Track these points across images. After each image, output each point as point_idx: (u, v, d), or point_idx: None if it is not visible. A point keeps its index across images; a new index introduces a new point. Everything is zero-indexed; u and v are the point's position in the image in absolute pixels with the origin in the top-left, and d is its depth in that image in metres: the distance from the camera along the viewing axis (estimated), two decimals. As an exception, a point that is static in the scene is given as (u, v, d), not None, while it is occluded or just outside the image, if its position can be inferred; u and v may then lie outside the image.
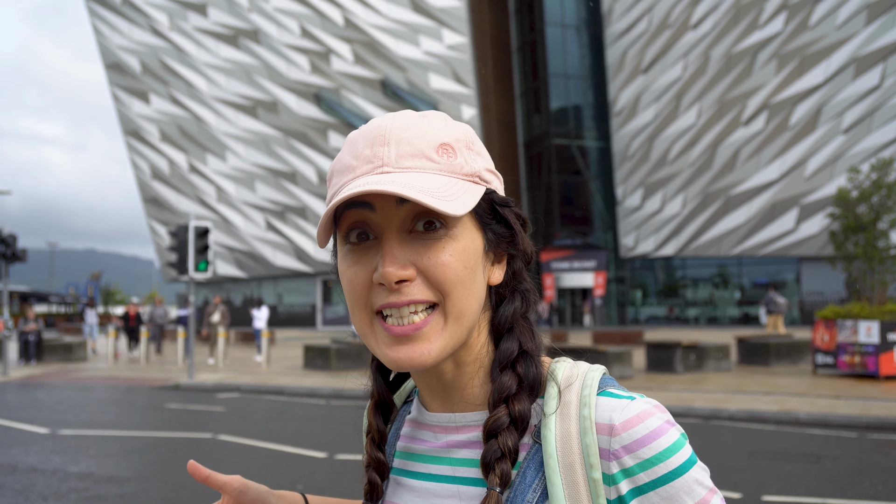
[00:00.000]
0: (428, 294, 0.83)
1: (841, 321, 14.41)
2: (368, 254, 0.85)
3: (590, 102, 42.92)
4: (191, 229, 16.09)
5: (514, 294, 0.93)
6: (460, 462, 0.91)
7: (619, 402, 0.84)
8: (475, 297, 0.86)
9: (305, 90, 41.69)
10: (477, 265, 0.87)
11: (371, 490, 0.96)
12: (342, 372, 16.99)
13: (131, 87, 48.00)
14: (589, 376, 0.87)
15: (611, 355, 14.66)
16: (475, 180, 0.88)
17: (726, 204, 35.37)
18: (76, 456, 8.43)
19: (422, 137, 0.86)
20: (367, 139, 0.87)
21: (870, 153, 30.11)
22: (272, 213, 43.94)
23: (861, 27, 31.35)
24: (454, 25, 38.38)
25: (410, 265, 0.83)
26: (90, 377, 17.65)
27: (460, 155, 0.87)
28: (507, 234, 0.92)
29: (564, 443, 0.83)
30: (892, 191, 16.10)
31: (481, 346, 0.92)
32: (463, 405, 0.92)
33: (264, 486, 1.12)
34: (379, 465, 0.95)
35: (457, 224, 0.85)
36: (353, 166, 0.86)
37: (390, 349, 0.84)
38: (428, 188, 0.80)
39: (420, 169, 0.84)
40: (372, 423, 0.98)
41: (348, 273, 0.87)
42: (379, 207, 0.84)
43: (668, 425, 0.82)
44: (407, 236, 0.84)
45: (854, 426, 9.91)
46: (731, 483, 6.86)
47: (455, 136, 0.88)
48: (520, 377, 0.88)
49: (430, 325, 0.83)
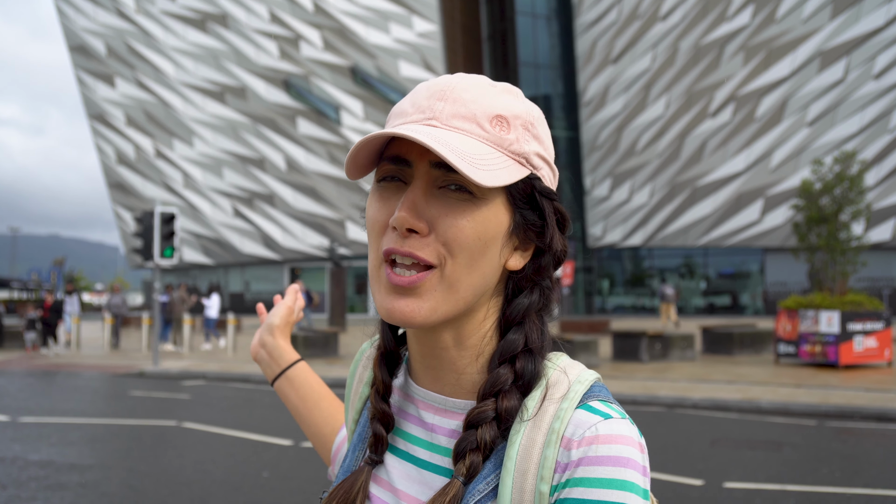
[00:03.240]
0: (430, 254, 0.81)
1: (803, 311, 14.64)
2: (395, 196, 0.85)
3: (559, 92, 43.07)
4: (156, 215, 15.91)
5: (533, 288, 0.91)
6: (439, 450, 0.90)
7: (593, 417, 0.81)
8: (479, 272, 0.84)
9: (274, 76, 41.31)
10: (494, 241, 0.84)
11: (376, 442, 0.94)
12: (309, 360, 16.92)
13: (96, 70, 47.22)
14: (574, 388, 0.84)
15: (577, 344, 14.76)
16: (521, 161, 0.85)
17: (693, 195, 35.70)
18: (37, 444, 8.32)
19: (480, 103, 0.84)
20: (429, 90, 0.86)
21: (833, 146, 30.54)
22: (239, 200, 43.55)
23: (826, 21, 31.74)
24: (424, 13, 38.23)
25: (425, 220, 0.82)
26: (53, 364, 17.42)
27: (514, 131, 0.85)
28: (537, 223, 0.88)
29: (526, 450, 0.81)
30: (854, 183, 16.34)
31: (487, 332, 0.90)
32: (455, 389, 0.91)
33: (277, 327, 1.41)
34: (384, 416, 0.94)
35: (487, 195, 0.83)
36: (407, 112, 0.86)
37: (387, 298, 0.83)
38: (465, 152, 0.79)
39: (467, 132, 0.83)
40: (377, 375, 0.96)
41: (371, 209, 0.87)
42: (416, 164, 0.83)
43: (636, 464, 0.78)
44: (435, 191, 0.83)
45: (814, 414, 10.08)
46: (693, 470, 6.94)
47: (514, 113, 0.86)
48: (516, 373, 0.86)
49: (425, 283, 0.82)
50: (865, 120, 31.17)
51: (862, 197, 16.47)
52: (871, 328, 14.15)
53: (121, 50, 45.93)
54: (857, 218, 16.48)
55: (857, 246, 16.64)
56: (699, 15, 34.76)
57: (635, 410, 10.54)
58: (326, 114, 39.99)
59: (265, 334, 1.40)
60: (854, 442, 8.44)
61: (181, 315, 20.35)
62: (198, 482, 6.71)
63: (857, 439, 8.58)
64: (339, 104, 39.65)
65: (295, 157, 41.08)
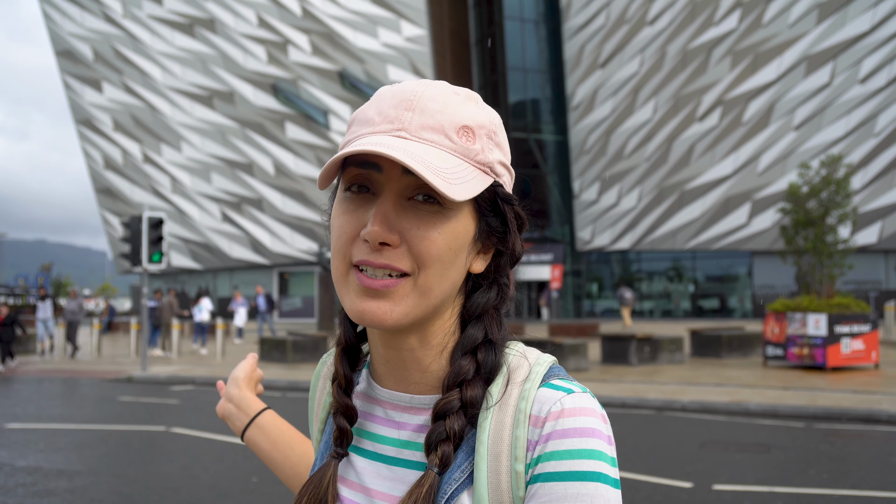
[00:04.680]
0: (405, 264, 0.83)
1: (791, 314, 14.71)
2: (363, 207, 0.86)
3: (547, 96, 43.13)
4: (145, 220, 15.85)
5: (491, 285, 0.94)
6: (410, 445, 0.91)
7: (556, 393, 0.85)
8: (449, 279, 0.87)
9: (262, 81, 41.22)
10: (462, 250, 0.87)
11: (340, 436, 0.96)
12: (298, 364, 16.90)
13: (83, 75, 47.00)
14: (534, 370, 0.88)
15: (567, 348, 14.78)
16: (486, 170, 0.87)
17: (681, 198, 35.81)
18: (24, 450, 8.27)
19: (447, 114, 0.86)
20: (394, 99, 0.87)
21: (820, 149, 30.70)
22: (228, 205, 43.41)
23: (812, 26, 31.93)
24: (413, 18, 38.24)
25: (397, 232, 0.83)
26: (40, 370, 17.32)
27: (479, 141, 0.87)
28: (500, 229, 0.92)
29: (496, 433, 0.84)
30: (840, 186, 16.44)
31: (448, 329, 0.92)
32: (420, 386, 0.93)
33: (244, 378, 1.43)
34: (347, 409, 0.96)
35: (455, 206, 0.85)
36: (373, 121, 0.86)
37: (359, 300, 0.84)
38: (437, 166, 0.80)
39: (436, 144, 0.84)
40: (339, 370, 0.98)
41: (339, 220, 0.87)
42: (386, 170, 0.84)
43: (601, 434, 0.82)
44: (405, 202, 0.85)
45: (802, 416, 10.13)
46: (682, 473, 6.97)
47: (479, 122, 0.88)
48: (478, 363, 0.89)
49: (398, 289, 0.84)
50: (851, 124, 31.36)
51: (848, 200, 16.57)
52: (858, 331, 14.23)
53: (108, 55, 45.74)
54: (843, 221, 16.56)
55: (843, 249, 16.72)
56: (686, 19, 34.91)
57: (625, 414, 10.57)
58: (315, 118, 39.93)
59: (231, 388, 1.41)
60: (842, 444, 8.49)
61: (170, 320, 20.29)
62: (186, 487, 6.68)
63: (845, 441, 8.63)
64: (327, 108, 39.60)
65: (283, 162, 41.00)
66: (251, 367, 1.45)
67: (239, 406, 1.38)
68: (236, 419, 1.38)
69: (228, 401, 1.40)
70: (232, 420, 1.39)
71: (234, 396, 1.39)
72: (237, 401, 1.39)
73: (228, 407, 1.39)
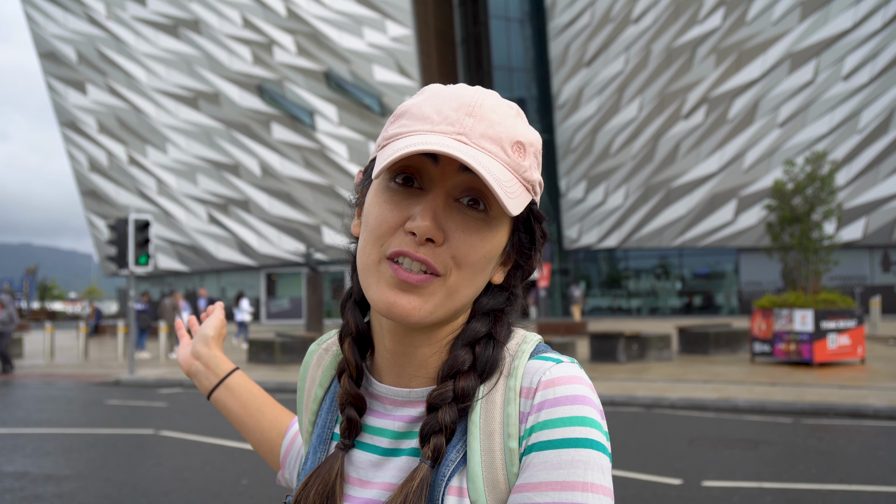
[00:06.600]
0: (441, 265, 0.84)
1: (777, 310, 14.78)
2: (408, 200, 0.86)
3: (533, 95, 43.22)
4: (131, 222, 15.77)
5: (502, 290, 0.96)
6: (407, 434, 0.92)
7: (544, 364, 0.87)
8: (475, 285, 0.89)
9: (248, 81, 41.10)
10: (493, 259, 0.89)
11: (349, 427, 0.95)
12: (286, 366, 16.85)
13: (67, 77, 46.72)
14: (522, 349, 0.91)
15: (555, 346, 14.80)
16: (529, 187, 0.88)
17: (667, 196, 35.94)
18: (11, 455, 8.22)
19: (504, 126, 0.86)
20: (454, 101, 0.86)
21: (804, 146, 30.90)
22: (214, 206, 43.26)
23: (796, 23, 32.12)
24: (398, 17, 38.21)
25: (442, 231, 0.84)
26: (26, 374, 17.20)
27: (528, 159, 0.88)
28: (528, 246, 0.94)
29: (488, 412, 0.86)
30: (825, 183, 16.53)
31: (457, 327, 0.94)
32: (418, 380, 0.93)
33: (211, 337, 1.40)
34: (358, 400, 0.95)
35: (500, 216, 0.87)
36: (432, 119, 0.86)
37: (390, 291, 0.84)
38: (499, 178, 0.81)
39: (493, 154, 0.84)
40: (350, 360, 0.97)
41: (380, 209, 0.87)
42: (442, 164, 0.84)
43: (591, 401, 0.84)
44: (452, 203, 0.86)
45: (789, 412, 10.19)
46: (672, 470, 6.99)
47: (530, 140, 0.89)
48: (475, 356, 0.90)
49: (430, 286, 0.84)
50: (835, 120, 31.58)
51: (833, 196, 16.67)
52: (844, 326, 14.32)
53: (92, 56, 45.48)
54: (828, 217, 16.66)
55: (829, 245, 16.82)
56: (671, 18, 35.04)
57: (614, 411, 10.60)
58: (301, 119, 39.84)
59: (200, 345, 1.38)
60: (829, 439, 8.54)
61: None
62: (176, 490, 6.65)
63: (832, 436, 8.69)
64: (313, 109, 39.52)
65: (270, 163, 40.89)
66: (220, 323, 1.42)
67: (208, 365, 1.36)
68: (203, 378, 1.35)
69: (196, 358, 1.37)
70: (199, 379, 1.36)
71: (203, 354, 1.37)
72: (206, 359, 1.36)
73: (196, 364, 1.37)
